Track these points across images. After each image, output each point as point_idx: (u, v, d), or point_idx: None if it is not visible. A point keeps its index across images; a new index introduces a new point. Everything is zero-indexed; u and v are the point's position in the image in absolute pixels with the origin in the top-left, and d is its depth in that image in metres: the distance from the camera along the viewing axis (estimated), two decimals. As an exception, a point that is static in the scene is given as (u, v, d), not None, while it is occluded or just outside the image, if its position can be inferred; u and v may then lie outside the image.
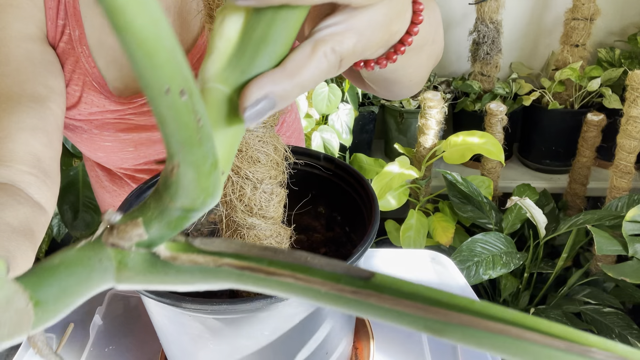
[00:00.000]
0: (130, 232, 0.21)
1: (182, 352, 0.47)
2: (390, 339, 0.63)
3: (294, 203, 0.56)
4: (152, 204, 0.22)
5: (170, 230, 0.21)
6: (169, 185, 0.21)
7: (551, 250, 1.61)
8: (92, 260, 0.20)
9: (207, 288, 0.21)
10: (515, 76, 1.85)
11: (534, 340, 0.16)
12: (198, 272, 0.21)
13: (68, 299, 0.19)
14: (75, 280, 0.20)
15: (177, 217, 0.21)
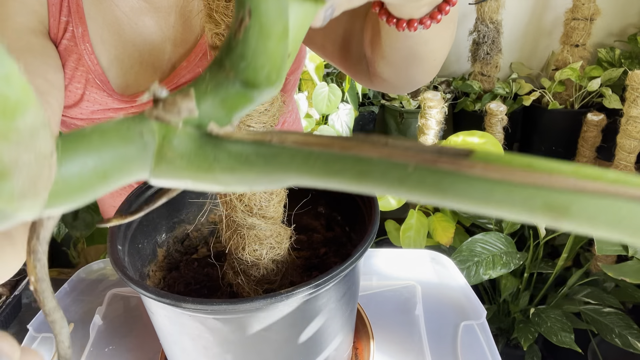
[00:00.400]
0: (179, 105, 0.17)
1: (182, 352, 0.47)
2: (390, 339, 0.63)
3: (294, 203, 0.56)
4: (208, 75, 0.19)
5: (224, 111, 0.19)
6: (233, 47, 0.18)
7: (551, 250, 1.61)
8: (131, 131, 0.17)
9: (261, 183, 0.18)
10: (515, 76, 1.85)
11: None
12: (255, 156, 0.17)
13: (96, 172, 0.16)
14: (109, 151, 0.16)
15: (235, 93, 0.18)
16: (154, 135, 0.17)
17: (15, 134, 0.13)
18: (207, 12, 0.38)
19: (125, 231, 0.50)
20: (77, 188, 0.16)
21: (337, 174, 0.16)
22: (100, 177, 0.16)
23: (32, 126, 0.14)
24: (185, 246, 0.60)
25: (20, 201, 0.15)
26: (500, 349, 1.40)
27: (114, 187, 0.17)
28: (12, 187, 0.14)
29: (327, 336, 0.47)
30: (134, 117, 0.17)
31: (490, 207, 0.14)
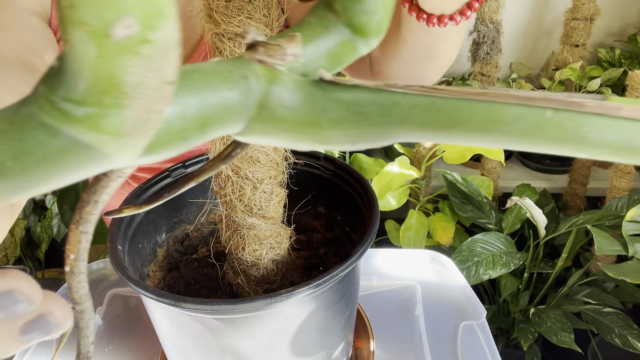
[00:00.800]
0: (284, 49, 0.16)
1: (182, 352, 0.47)
2: (390, 339, 0.63)
3: (294, 203, 0.56)
4: (314, 20, 0.18)
5: (328, 61, 0.17)
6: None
7: (551, 250, 1.61)
8: (233, 74, 0.15)
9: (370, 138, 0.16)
10: (515, 76, 1.85)
11: None
12: (370, 106, 0.16)
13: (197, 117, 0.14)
14: (212, 94, 0.14)
15: (342, 41, 0.17)
16: (258, 80, 0.16)
17: (149, 48, 0.12)
18: (207, 12, 0.38)
19: (125, 231, 0.50)
20: (176, 134, 0.14)
21: (462, 124, 0.15)
22: (200, 124, 0.15)
23: (167, 42, 0.12)
24: (185, 246, 0.60)
25: (126, 138, 0.13)
26: (500, 349, 1.40)
27: (206, 139, 0.15)
28: (124, 118, 0.13)
29: (327, 336, 0.47)
30: (234, 60, 0.16)
31: (631, 153, 0.14)
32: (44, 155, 0.13)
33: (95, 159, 0.13)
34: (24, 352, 0.64)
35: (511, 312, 1.44)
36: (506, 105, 0.15)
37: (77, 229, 0.18)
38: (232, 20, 0.37)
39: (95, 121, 0.12)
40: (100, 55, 0.11)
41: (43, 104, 0.13)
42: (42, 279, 1.77)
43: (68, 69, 0.12)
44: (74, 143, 0.13)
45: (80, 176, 0.14)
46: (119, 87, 0.12)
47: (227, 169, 0.45)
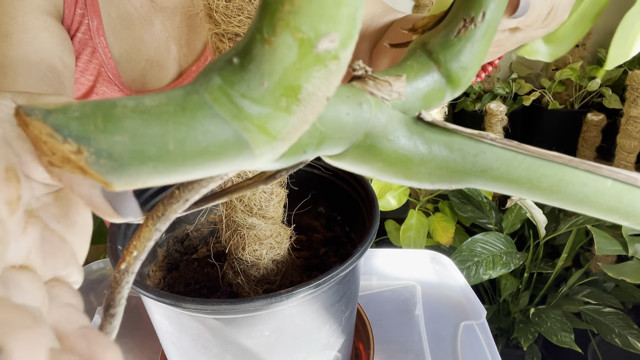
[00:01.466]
0: (392, 86, 0.17)
1: (182, 352, 0.47)
2: (390, 339, 0.63)
3: (294, 203, 0.56)
4: (416, 65, 0.19)
5: (421, 103, 0.19)
6: (453, 44, 0.19)
7: (551, 250, 1.61)
8: (350, 100, 0.16)
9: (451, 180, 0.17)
10: (515, 76, 1.85)
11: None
12: (458, 151, 0.17)
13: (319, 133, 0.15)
14: (332, 114, 0.15)
15: (436, 88, 0.19)
16: (371, 109, 0.16)
17: (335, 64, 0.13)
18: (207, 12, 0.38)
19: (125, 231, 0.50)
20: (301, 147, 0.15)
21: (535, 181, 0.17)
22: (319, 141, 0.15)
23: (346, 62, 0.13)
24: (185, 246, 0.60)
25: (278, 143, 0.14)
26: (500, 349, 1.40)
27: (316, 155, 0.16)
28: (287, 123, 0.13)
29: (327, 336, 0.47)
30: (348, 86, 0.17)
31: None
32: (206, 145, 0.13)
33: (243, 156, 0.14)
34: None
35: (511, 312, 1.44)
36: (576, 170, 0.17)
37: (154, 225, 0.17)
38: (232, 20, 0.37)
39: (265, 121, 0.13)
40: (298, 62, 0.12)
41: (218, 96, 0.13)
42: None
43: (255, 68, 0.13)
44: (236, 139, 0.13)
45: (219, 170, 0.14)
46: (297, 93, 0.13)
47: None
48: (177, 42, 0.67)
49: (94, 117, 0.12)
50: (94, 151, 0.12)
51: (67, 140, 0.12)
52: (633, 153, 1.42)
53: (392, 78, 0.17)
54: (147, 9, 0.65)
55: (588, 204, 0.17)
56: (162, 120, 0.13)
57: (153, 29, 0.66)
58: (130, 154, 0.13)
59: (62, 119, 0.12)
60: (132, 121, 0.13)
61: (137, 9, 0.64)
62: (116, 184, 0.13)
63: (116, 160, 0.13)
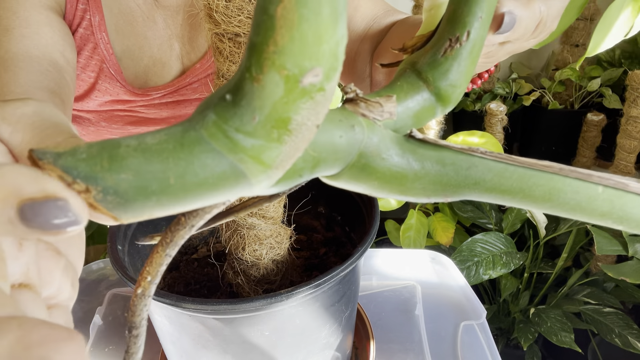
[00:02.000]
0: (383, 107, 0.18)
1: (182, 352, 0.47)
2: (390, 339, 0.63)
3: (294, 203, 0.56)
4: (406, 86, 0.20)
5: (412, 121, 0.20)
6: (440, 63, 0.20)
7: (551, 250, 1.61)
8: (343, 123, 0.17)
9: (445, 195, 0.18)
10: (515, 76, 1.85)
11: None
12: (451, 165, 0.18)
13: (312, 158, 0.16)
14: (325, 137, 0.16)
15: (427, 106, 0.20)
16: (363, 131, 0.17)
17: (321, 95, 0.14)
18: (207, 12, 0.38)
19: (125, 231, 0.50)
20: (296, 172, 0.16)
21: (527, 190, 0.17)
22: (314, 164, 0.16)
23: (331, 92, 0.14)
24: (185, 246, 0.60)
25: (273, 171, 0.15)
26: (500, 349, 1.40)
27: (311, 177, 0.17)
28: (279, 152, 0.14)
29: (327, 336, 0.47)
30: (340, 110, 0.18)
31: None
32: (205, 178, 0.14)
33: (240, 186, 0.15)
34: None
35: (511, 312, 1.44)
36: (567, 179, 0.18)
37: (164, 251, 0.18)
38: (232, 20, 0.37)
39: (259, 152, 0.14)
40: (285, 96, 0.13)
41: (214, 132, 0.14)
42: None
43: (247, 104, 0.14)
44: (233, 170, 0.14)
45: (219, 199, 0.15)
46: (287, 125, 0.14)
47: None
48: (179, 40, 0.67)
49: (100, 157, 0.13)
50: (101, 189, 0.13)
51: (76, 181, 0.13)
52: (633, 153, 1.42)
53: (383, 99, 0.18)
54: (150, 6, 0.65)
55: (581, 211, 0.18)
56: (162, 157, 0.14)
57: (156, 26, 0.66)
58: (135, 190, 0.14)
59: (70, 161, 0.13)
60: (134, 159, 0.14)
61: (139, 6, 0.64)
62: (123, 218, 0.14)
63: (122, 196, 0.14)
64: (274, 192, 0.17)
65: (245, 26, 0.39)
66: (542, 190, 0.18)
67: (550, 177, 0.18)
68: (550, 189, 0.18)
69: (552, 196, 0.18)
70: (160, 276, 0.18)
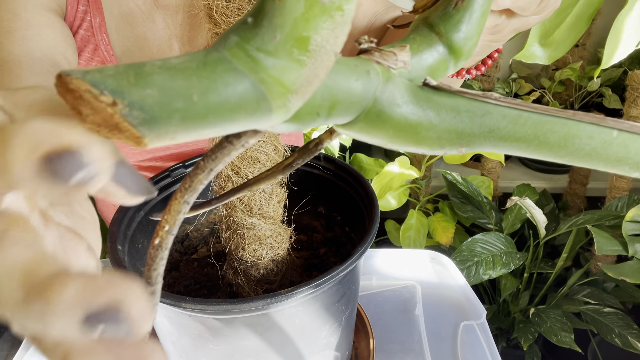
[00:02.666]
0: (397, 55, 0.18)
1: (182, 352, 0.47)
2: (390, 339, 0.63)
3: (294, 203, 0.56)
4: (419, 38, 0.20)
5: (427, 73, 0.20)
6: (452, 15, 0.20)
7: (551, 250, 1.61)
8: (359, 68, 0.17)
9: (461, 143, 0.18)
10: (515, 76, 1.85)
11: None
12: (465, 112, 0.18)
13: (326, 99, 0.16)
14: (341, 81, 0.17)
15: (440, 59, 0.20)
16: (378, 76, 0.17)
17: (340, 15, 0.14)
18: (207, 12, 0.38)
19: (125, 231, 0.50)
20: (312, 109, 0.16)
21: (542, 137, 0.17)
22: (331, 105, 0.16)
23: (350, 14, 0.14)
24: (185, 246, 0.60)
25: (292, 95, 0.15)
26: (500, 349, 1.40)
27: (328, 121, 0.17)
28: (299, 74, 0.14)
29: (327, 336, 0.47)
30: (357, 58, 0.18)
31: None
32: (227, 96, 0.14)
33: (262, 110, 0.15)
34: (25, 351, 0.64)
35: (511, 312, 1.44)
36: (581, 123, 0.17)
37: (183, 197, 0.18)
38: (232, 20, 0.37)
39: (280, 72, 0.14)
40: (306, 12, 0.14)
41: (236, 52, 0.14)
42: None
43: (268, 22, 0.14)
44: (255, 90, 0.14)
45: (240, 127, 0.15)
46: (307, 44, 0.14)
47: (227, 169, 0.45)
48: (179, 40, 0.67)
49: (126, 74, 0.14)
50: (128, 103, 0.13)
51: (104, 93, 0.13)
52: (633, 153, 1.42)
53: (397, 49, 0.18)
54: (149, 6, 0.65)
55: (596, 157, 0.18)
56: (186, 74, 0.14)
57: (155, 26, 0.66)
58: (160, 106, 0.14)
59: (98, 76, 0.14)
60: (159, 76, 0.14)
61: (139, 7, 0.64)
62: (147, 137, 0.14)
63: (147, 111, 0.14)
64: (292, 130, 0.17)
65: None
66: (557, 137, 0.18)
67: (564, 122, 0.18)
68: (565, 135, 0.18)
69: (567, 142, 0.18)
70: (178, 226, 0.18)
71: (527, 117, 0.18)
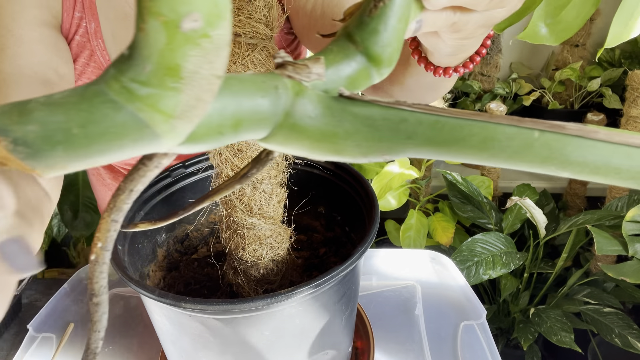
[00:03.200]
0: (310, 68, 0.18)
1: (182, 352, 0.47)
2: (390, 339, 0.63)
3: (294, 203, 0.56)
4: (336, 49, 0.20)
5: (346, 85, 0.20)
6: (366, 23, 0.20)
7: (551, 250, 1.61)
8: (266, 84, 0.17)
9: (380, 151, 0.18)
10: (515, 76, 1.85)
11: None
12: (382, 120, 0.18)
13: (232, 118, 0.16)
14: (247, 99, 0.17)
15: (359, 68, 0.20)
16: (287, 91, 0.18)
17: (208, 42, 0.14)
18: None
19: (124, 232, 0.50)
20: (214, 129, 0.16)
21: (463, 140, 0.17)
22: (235, 123, 0.17)
23: (222, 40, 0.14)
24: (185, 246, 0.60)
25: (176, 121, 0.15)
26: (500, 349, 1.40)
27: (238, 138, 0.17)
28: (178, 101, 0.15)
29: (327, 336, 0.47)
30: (267, 73, 0.18)
31: (608, 172, 0.16)
32: (107, 127, 0.15)
33: (148, 137, 0.15)
34: (24, 351, 0.64)
35: (511, 312, 1.44)
36: (500, 125, 0.17)
37: (109, 216, 0.18)
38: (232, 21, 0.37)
39: (155, 100, 0.15)
40: (169, 43, 0.14)
41: (112, 84, 0.15)
42: (42, 279, 1.77)
43: (138, 54, 0.14)
44: (134, 119, 0.15)
45: (132, 153, 0.16)
46: (179, 72, 0.14)
47: (228, 169, 0.45)
48: None
49: (11, 113, 0.15)
50: (12, 140, 0.14)
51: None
52: (633, 153, 1.42)
53: (311, 61, 0.18)
54: None
55: (520, 158, 0.17)
56: (65, 108, 0.15)
57: None
58: (42, 140, 0.14)
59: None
60: (41, 112, 0.15)
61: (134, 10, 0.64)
62: (38, 168, 0.15)
63: (31, 146, 0.14)
64: (197, 149, 0.17)
65: (245, 26, 0.39)
66: (477, 140, 0.17)
67: (482, 125, 0.17)
68: (484, 138, 0.17)
69: (488, 145, 0.17)
70: (112, 243, 0.19)
71: (444, 122, 0.18)
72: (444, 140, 0.18)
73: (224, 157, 0.44)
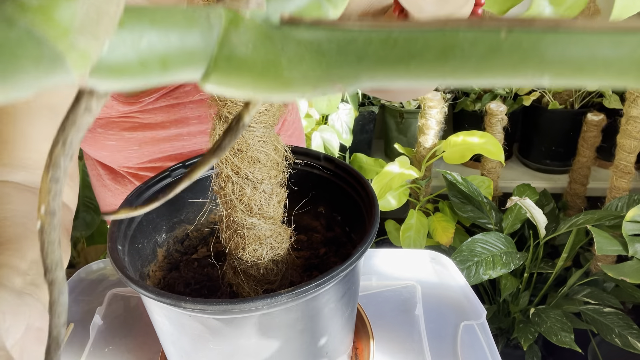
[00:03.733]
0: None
1: (182, 352, 0.47)
2: (390, 339, 0.63)
3: (294, 203, 0.56)
4: None
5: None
6: None
7: (551, 250, 1.61)
8: (197, 13, 0.16)
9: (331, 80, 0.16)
10: (515, 76, 1.85)
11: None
12: (328, 43, 0.16)
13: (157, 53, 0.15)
14: (174, 31, 0.15)
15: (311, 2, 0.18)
16: (220, 19, 0.16)
17: None
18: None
19: (125, 231, 0.50)
20: (134, 62, 0.15)
21: (420, 55, 0.15)
22: (161, 59, 0.15)
23: None
24: (185, 246, 0.60)
25: (76, 37, 0.14)
26: (500, 349, 1.40)
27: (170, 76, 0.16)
28: (74, 11, 0.13)
29: (327, 336, 0.47)
30: (200, 6, 0.17)
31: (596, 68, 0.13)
32: (1, 46, 0.13)
33: (49, 57, 0.13)
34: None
35: (511, 312, 1.44)
36: (460, 31, 0.15)
37: (48, 175, 0.16)
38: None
39: (48, 11, 0.13)
40: None
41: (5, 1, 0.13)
42: (42, 279, 1.77)
43: None
44: (29, 35, 0.13)
45: (40, 80, 0.14)
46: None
47: (227, 169, 0.45)
48: None
49: None
50: None
51: None
52: (633, 153, 1.42)
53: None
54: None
55: (489, 66, 0.15)
56: None
57: None
58: None
59: None
60: None
61: None
62: None
63: None
64: (123, 85, 0.15)
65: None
66: (435, 52, 0.15)
67: (439, 33, 0.15)
68: (443, 48, 0.15)
69: (449, 55, 0.15)
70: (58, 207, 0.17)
71: (396, 37, 0.15)
72: (398, 58, 0.15)
73: (224, 157, 0.44)
